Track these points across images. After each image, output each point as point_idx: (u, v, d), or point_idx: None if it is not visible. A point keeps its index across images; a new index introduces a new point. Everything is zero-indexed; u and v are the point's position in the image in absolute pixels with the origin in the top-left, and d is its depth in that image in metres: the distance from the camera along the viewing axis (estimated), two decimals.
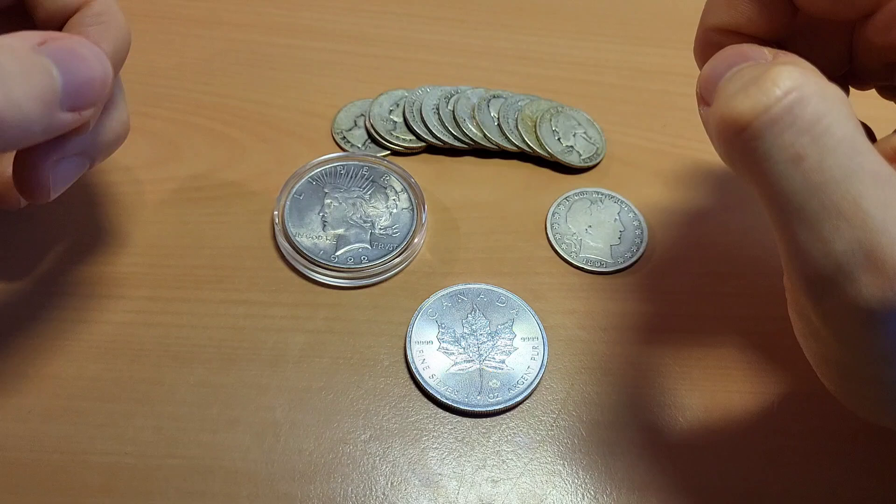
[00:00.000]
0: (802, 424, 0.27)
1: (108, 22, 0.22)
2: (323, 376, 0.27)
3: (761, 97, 0.16)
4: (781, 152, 0.16)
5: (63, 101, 0.19)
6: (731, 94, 0.17)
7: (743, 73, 0.17)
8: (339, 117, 0.35)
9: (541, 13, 0.40)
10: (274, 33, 0.38)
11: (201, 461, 0.25)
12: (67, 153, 0.22)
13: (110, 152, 0.25)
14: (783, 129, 0.16)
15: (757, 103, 0.16)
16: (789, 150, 0.16)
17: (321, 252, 0.29)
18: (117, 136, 0.24)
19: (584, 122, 0.35)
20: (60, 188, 0.23)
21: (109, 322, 0.28)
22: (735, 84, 0.17)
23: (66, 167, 0.22)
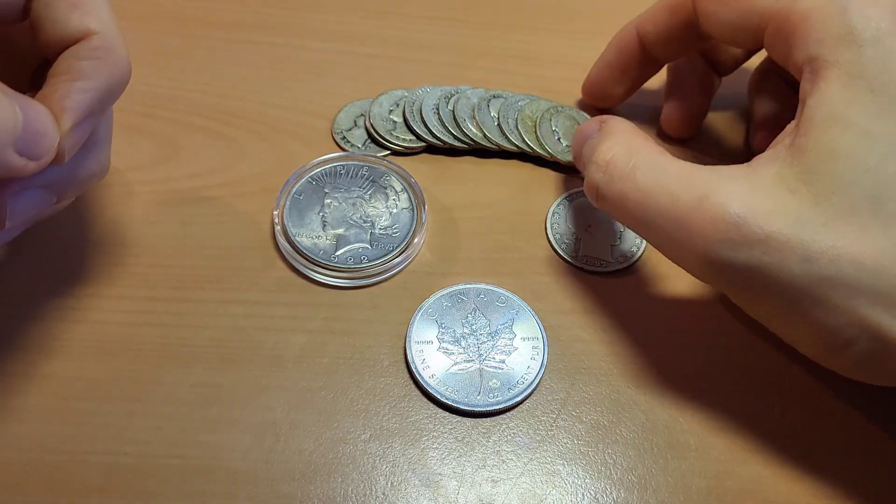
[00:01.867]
0: (804, 424, 0.27)
1: (104, 58, 0.22)
2: (323, 376, 0.27)
3: (597, 172, 0.26)
4: (616, 193, 0.25)
5: (18, 140, 0.19)
6: (586, 170, 0.27)
7: (585, 154, 0.28)
8: (339, 117, 0.35)
9: (541, 13, 0.40)
10: (274, 33, 0.38)
11: (201, 461, 0.25)
12: (31, 184, 0.22)
13: (81, 191, 0.24)
14: (611, 182, 0.26)
15: (594, 174, 0.26)
16: (623, 188, 0.25)
17: (321, 252, 0.29)
18: (91, 174, 0.24)
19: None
20: (18, 220, 0.22)
21: (109, 322, 0.28)
22: (586, 163, 0.27)
23: (27, 199, 0.22)
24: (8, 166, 0.19)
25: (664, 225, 0.24)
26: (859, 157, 0.22)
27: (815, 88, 0.23)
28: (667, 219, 0.24)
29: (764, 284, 0.22)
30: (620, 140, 0.26)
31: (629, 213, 0.25)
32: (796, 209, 0.22)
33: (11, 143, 0.19)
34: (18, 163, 0.20)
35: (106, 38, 0.22)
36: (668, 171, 0.24)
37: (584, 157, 0.28)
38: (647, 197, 0.24)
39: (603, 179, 0.25)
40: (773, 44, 0.26)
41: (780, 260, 0.22)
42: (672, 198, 0.23)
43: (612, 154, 0.25)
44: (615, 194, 0.25)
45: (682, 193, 0.23)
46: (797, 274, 0.22)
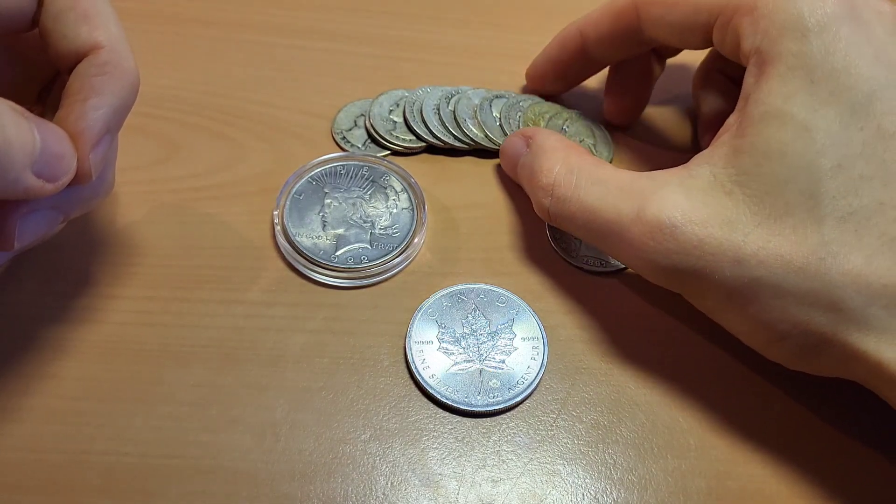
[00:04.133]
0: (804, 424, 0.27)
1: (113, 72, 0.22)
2: (323, 376, 0.27)
3: (544, 197, 0.27)
4: (566, 213, 0.26)
5: (36, 163, 0.20)
6: (531, 193, 0.29)
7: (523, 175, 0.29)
8: (339, 117, 0.35)
9: (542, 13, 0.40)
10: (274, 33, 0.38)
11: (201, 461, 0.25)
12: (40, 205, 0.22)
13: (87, 209, 0.25)
14: (559, 204, 0.26)
15: (542, 199, 0.27)
16: (570, 209, 0.26)
17: (321, 252, 0.29)
18: (97, 193, 0.24)
19: (591, 125, 0.35)
20: (27, 240, 0.22)
21: (109, 322, 0.28)
22: (528, 181, 0.29)
23: (37, 220, 0.22)
24: (26, 189, 0.20)
25: (611, 238, 0.25)
26: (795, 155, 0.22)
27: (756, 85, 0.23)
28: (612, 232, 0.25)
29: (702, 286, 0.23)
30: (558, 158, 0.27)
31: (580, 229, 0.26)
32: (730, 212, 0.22)
33: (29, 166, 0.19)
34: (36, 184, 0.20)
35: (114, 51, 0.22)
36: (609, 185, 0.25)
37: (524, 179, 0.29)
38: (593, 213, 0.25)
39: (551, 203, 0.26)
40: (723, 39, 0.25)
41: (713, 263, 0.23)
42: (615, 211, 0.24)
43: (555, 175, 0.26)
44: (565, 215, 0.26)
45: (622, 206, 0.24)
46: (729, 276, 0.22)
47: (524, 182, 0.29)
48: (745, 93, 0.24)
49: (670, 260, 0.23)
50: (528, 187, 0.28)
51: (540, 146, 0.28)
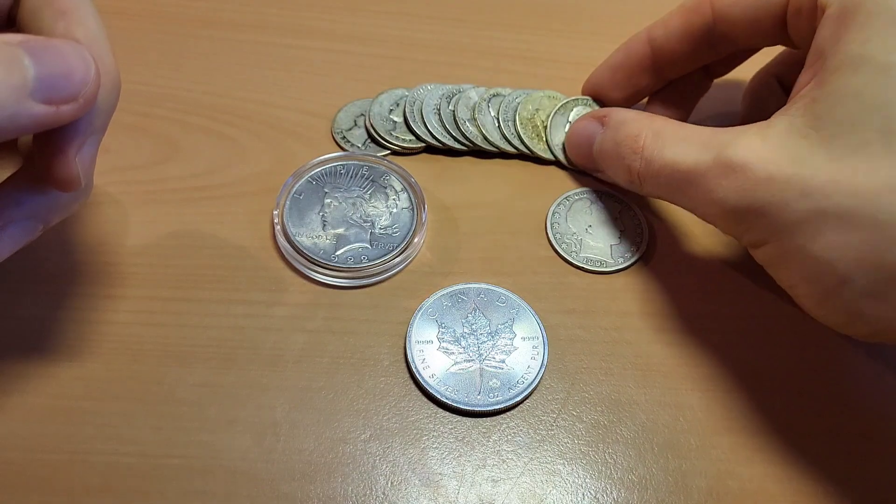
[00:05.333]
0: (805, 424, 0.27)
1: None
2: (323, 376, 0.27)
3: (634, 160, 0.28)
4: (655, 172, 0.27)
5: (35, 90, 0.18)
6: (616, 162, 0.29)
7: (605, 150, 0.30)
8: (339, 117, 0.35)
9: (542, 12, 0.40)
10: (274, 33, 0.38)
11: (201, 461, 0.25)
12: (15, 217, 0.22)
13: (66, 215, 0.24)
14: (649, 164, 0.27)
15: (633, 162, 0.28)
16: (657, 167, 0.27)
17: (321, 252, 0.29)
18: (75, 198, 0.23)
19: None
20: (5, 253, 0.22)
21: (109, 322, 0.28)
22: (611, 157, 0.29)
23: (14, 232, 0.22)
24: (34, 120, 0.19)
25: (689, 187, 0.25)
26: (871, 95, 0.22)
27: (834, 36, 0.23)
28: (690, 180, 0.25)
29: (768, 226, 0.23)
30: (643, 124, 0.28)
31: (663, 186, 0.27)
32: (803, 151, 0.23)
33: (27, 94, 0.18)
34: (46, 112, 0.19)
35: (92, 49, 0.21)
36: (692, 140, 0.26)
37: (606, 153, 0.29)
38: (676, 166, 0.26)
39: (641, 165, 0.27)
40: (797, 16, 0.26)
41: (780, 197, 0.23)
42: (694, 161, 0.25)
43: (643, 139, 0.27)
44: (651, 173, 0.27)
45: (702, 156, 0.25)
46: (795, 210, 0.22)
47: (606, 156, 0.29)
48: (819, 47, 0.24)
49: (740, 197, 0.24)
50: (613, 158, 0.29)
51: (620, 120, 0.29)
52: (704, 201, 0.25)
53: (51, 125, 0.19)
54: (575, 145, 0.32)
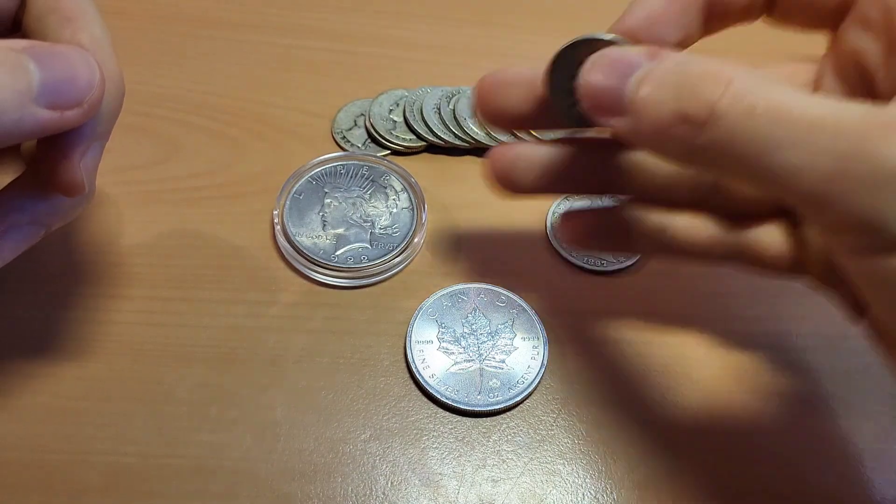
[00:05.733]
0: (803, 424, 0.27)
1: None
2: (323, 376, 0.27)
3: (710, 94, 0.18)
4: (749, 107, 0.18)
5: (40, 95, 0.19)
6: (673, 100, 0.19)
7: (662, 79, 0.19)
8: (339, 117, 0.35)
9: (543, 12, 0.40)
10: (274, 33, 0.38)
11: (201, 461, 0.25)
12: (19, 221, 0.22)
13: (68, 220, 0.24)
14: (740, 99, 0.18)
15: (712, 94, 0.18)
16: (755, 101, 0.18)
17: (321, 252, 0.29)
18: (78, 203, 0.23)
19: None
20: (8, 257, 0.22)
21: (109, 322, 0.28)
22: (665, 91, 0.19)
23: (16, 236, 0.22)
24: (39, 125, 0.19)
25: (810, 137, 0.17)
26: None
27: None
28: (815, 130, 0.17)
29: None
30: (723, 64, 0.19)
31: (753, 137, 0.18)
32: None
33: (32, 99, 0.18)
34: (51, 117, 0.19)
35: (97, 54, 0.21)
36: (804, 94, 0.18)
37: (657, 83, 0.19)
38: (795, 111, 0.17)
39: (729, 98, 0.18)
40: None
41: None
42: (833, 112, 0.17)
43: (729, 72, 0.19)
44: (744, 112, 0.18)
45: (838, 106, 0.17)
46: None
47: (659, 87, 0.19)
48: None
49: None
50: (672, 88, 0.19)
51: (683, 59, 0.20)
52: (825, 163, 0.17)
53: (55, 130, 0.20)
54: (600, 73, 0.21)
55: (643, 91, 0.20)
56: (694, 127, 0.18)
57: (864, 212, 0.16)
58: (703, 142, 0.18)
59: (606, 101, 0.21)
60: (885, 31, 0.20)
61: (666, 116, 0.19)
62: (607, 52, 0.21)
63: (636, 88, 0.20)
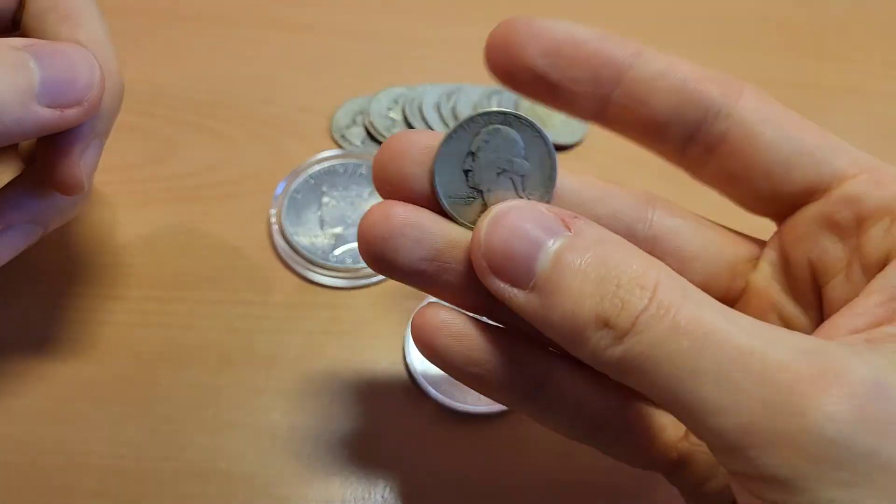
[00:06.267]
0: None
1: None
2: (320, 378, 0.27)
3: (640, 297, 0.16)
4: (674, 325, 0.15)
5: (41, 94, 0.19)
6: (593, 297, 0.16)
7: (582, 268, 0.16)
8: (338, 115, 0.34)
9: (542, 10, 0.40)
10: (271, 30, 0.38)
11: (197, 464, 0.24)
12: (17, 220, 0.22)
13: (66, 220, 0.24)
14: (665, 313, 0.15)
15: (635, 299, 0.16)
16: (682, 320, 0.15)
17: (319, 251, 0.29)
18: (74, 202, 0.23)
19: None
20: (5, 258, 0.22)
21: (104, 322, 0.27)
22: (583, 282, 0.16)
23: (15, 235, 0.22)
24: (38, 124, 0.19)
25: (735, 375, 0.15)
26: None
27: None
28: (742, 367, 0.15)
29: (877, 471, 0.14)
30: (645, 258, 0.17)
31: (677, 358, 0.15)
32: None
33: (32, 98, 0.18)
34: (50, 116, 0.19)
35: (96, 53, 0.21)
36: (741, 317, 0.16)
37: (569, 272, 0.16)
38: (725, 335, 0.15)
39: (651, 310, 0.16)
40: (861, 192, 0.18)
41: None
42: (768, 344, 0.15)
43: (657, 276, 0.16)
44: (670, 329, 0.15)
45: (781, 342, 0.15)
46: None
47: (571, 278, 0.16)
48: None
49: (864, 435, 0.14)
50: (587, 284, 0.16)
51: (599, 237, 0.17)
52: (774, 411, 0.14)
53: (55, 129, 0.20)
54: (504, 234, 0.17)
55: (559, 274, 0.16)
56: (613, 335, 0.16)
57: (784, 472, 0.14)
58: (617, 353, 0.16)
59: (509, 270, 0.17)
60: (853, 237, 0.18)
61: (584, 314, 0.16)
62: (514, 211, 0.17)
63: (550, 266, 0.16)
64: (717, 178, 0.19)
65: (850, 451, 0.14)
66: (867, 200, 0.18)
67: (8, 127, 0.18)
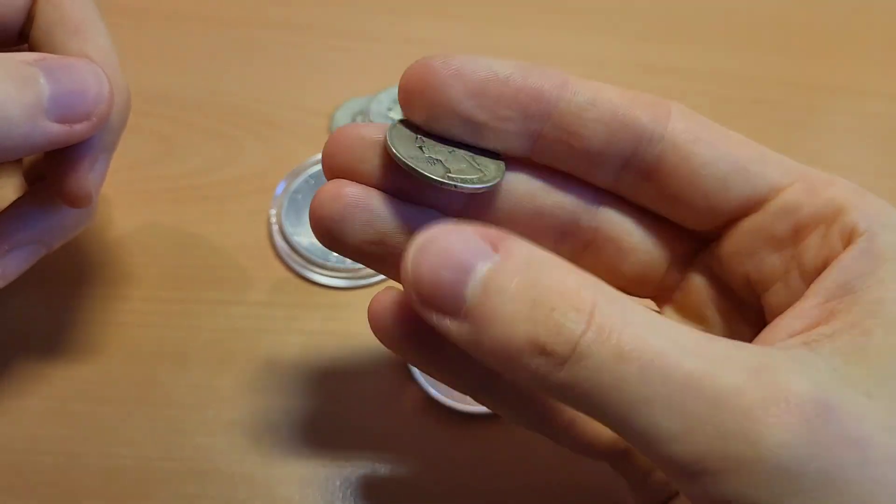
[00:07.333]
0: None
1: None
2: (321, 378, 0.27)
3: (573, 327, 0.15)
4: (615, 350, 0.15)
5: (50, 109, 0.19)
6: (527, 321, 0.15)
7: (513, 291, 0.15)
8: (338, 115, 0.34)
9: (543, 9, 0.40)
10: (271, 29, 0.38)
11: (198, 464, 0.24)
12: (23, 241, 0.22)
13: (70, 237, 0.24)
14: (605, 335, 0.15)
15: (571, 323, 0.15)
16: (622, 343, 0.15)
17: (319, 251, 0.29)
18: (80, 221, 0.24)
19: None
20: (11, 276, 0.22)
21: (104, 322, 0.27)
22: (516, 307, 0.15)
23: (20, 256, 0.22)
24: (47, 139, 0.19)
25: (686, 401, 0.15)
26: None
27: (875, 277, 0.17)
28: (693, 393, 0.15)
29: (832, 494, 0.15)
30: (579, 276, 0.16)
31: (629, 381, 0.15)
32: (886, 416, 0.15)
33: (42, 113, 0.19)
34: (59, 131, 0.19)
35: (103, 67, 0.21)
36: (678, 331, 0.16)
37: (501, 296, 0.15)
38: (664, 359, 0.15)
39: (590, 334, 0.15)
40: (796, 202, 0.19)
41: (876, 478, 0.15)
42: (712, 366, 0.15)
43: (593, 298, 0.15)
44: (612, 353, 0.15)
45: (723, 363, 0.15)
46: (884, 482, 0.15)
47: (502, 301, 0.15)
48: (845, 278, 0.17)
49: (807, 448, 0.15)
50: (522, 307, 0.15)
51: (529, 258, 0.16)
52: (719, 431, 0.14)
53: (64, 143, 0.20)
54: (431, 264, 0.16)
55: (489, 299, 0.15)
56: (552, 362, 0.15)
57: (740, 500, 0.14)
58: (561, 379, 0.15)
59: (438, 300, 0.16)
60: (791, 246, 0.18)
61: (518, 341, 0.15)
62: (439, 237, 0.16)
63: (480, 292, 0.16)
64: (655, 200, 0.19)
65: (802, 475, 0.14)
66: (802, 209, 0.18)
67: (16, 142, 0.18)
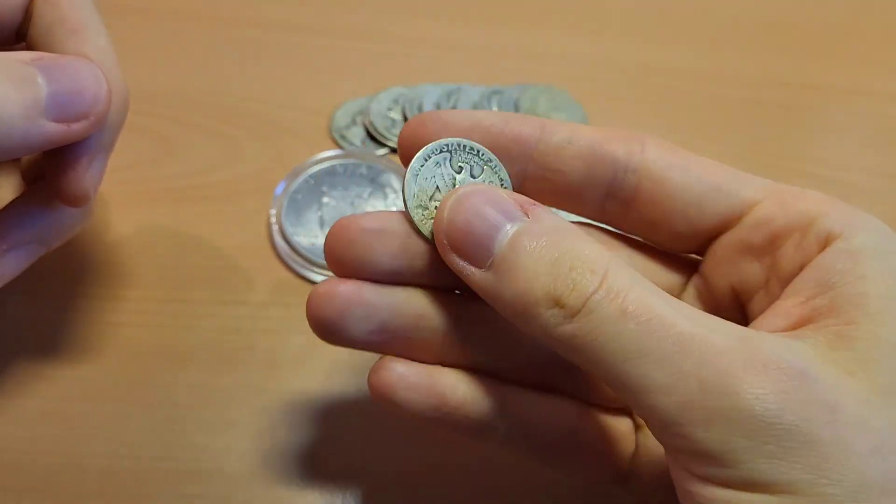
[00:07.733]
0: None
1: None
2: (321, 378, 0.27)
3: (587, 284, 0.17)
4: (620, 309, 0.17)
5: (48, 108, 0.19)
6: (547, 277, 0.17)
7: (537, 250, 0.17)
8: (338, 115, 0.34)
9: (543, 8, 0.40)
10: (271, 29, 0.38)
11: (197, 464, 0.24)
12: (21, 241, 0.22)
13: (68, 238, 0.24)
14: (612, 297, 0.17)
15: (585, 290, 0.17)
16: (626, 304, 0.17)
17: (319, 251, 0.29)
18: (78, 220, 0.24)
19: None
20: (9, 277, 0.22)
21: (103, 323, 0.27)
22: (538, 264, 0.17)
23: (18, 256, 0.22)
24: (45, 139, 0.19)
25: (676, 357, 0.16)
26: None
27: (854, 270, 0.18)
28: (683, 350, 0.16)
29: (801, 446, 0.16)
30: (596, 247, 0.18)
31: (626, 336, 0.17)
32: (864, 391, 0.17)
33: (39, 112, 0.19)
34: (56, 130, 0.19)
35: (102, 66, 0.21)
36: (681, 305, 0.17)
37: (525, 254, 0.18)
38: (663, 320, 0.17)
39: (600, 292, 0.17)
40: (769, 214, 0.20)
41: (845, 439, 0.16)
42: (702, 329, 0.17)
43: (606, 263, 0.17)
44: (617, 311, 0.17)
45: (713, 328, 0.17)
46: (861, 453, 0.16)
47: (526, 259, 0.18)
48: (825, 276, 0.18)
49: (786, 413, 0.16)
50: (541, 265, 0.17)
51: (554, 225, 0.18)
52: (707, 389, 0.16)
53: (62, 143, 0.20)
54: (466, 214, 0.18)
55: (515, 255, 0.18)
56: (563, 313, 0.17)
57: (716, 447, 0.15)
58: (568, 330, 0.17)
59: (468, 248, 0.18)
60: (768, 255, 0.20)
61: (537, 293, 0.17)
62: (476, 194, 0.19)
63: (507, 247, 0.18)
64: (638, 226, 0.21)
65: (775, 427, 0.15)
66: (776, 221, 0.19)
67: (14, 141, 0.18)
